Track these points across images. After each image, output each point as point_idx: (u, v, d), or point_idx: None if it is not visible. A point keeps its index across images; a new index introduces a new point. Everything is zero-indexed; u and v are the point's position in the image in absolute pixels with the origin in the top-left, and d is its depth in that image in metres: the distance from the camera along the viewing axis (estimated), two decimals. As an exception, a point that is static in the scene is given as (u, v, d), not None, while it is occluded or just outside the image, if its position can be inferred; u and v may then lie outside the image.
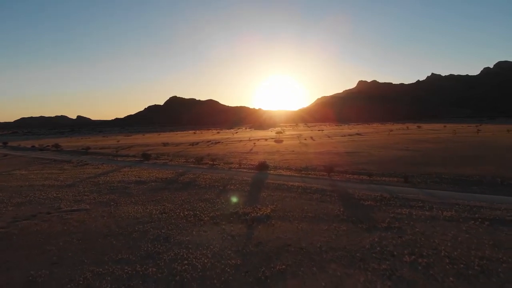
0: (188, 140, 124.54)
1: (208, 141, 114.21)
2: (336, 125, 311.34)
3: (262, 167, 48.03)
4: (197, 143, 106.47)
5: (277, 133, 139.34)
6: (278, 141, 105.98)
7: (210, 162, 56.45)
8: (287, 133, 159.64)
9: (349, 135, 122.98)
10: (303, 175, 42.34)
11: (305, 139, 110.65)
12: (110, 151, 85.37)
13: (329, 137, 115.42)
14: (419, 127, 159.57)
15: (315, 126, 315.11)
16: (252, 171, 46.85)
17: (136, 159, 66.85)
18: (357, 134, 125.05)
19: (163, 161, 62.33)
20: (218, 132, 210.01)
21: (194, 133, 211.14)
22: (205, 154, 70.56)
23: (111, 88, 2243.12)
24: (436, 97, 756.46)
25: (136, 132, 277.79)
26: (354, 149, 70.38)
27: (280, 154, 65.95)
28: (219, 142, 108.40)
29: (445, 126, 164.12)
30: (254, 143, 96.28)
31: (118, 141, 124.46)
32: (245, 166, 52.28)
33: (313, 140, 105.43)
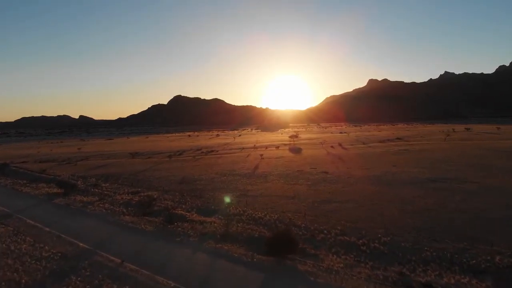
0: (173, 147, 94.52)
1: (198, 149, 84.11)
2: (355, 126, 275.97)
3: (282, 243, 18.50)
4: (182, 153, 76.62)
5: (290, 137, 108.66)
6: (295, 150, 75.39)
7: (168, 211, 27.04)
8: (302, 136, 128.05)
9: (388, 140, 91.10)
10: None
11: (332, 146, 79.82)
12: (44, 166, 56.50)
13: (364, 143, 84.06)
14: (467, 129, 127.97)
15: (330, 127, 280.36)
16: (254, 258, 17.60)
17: (52, 190, 37.91)
18: (398, 139, 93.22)
19: (89, 199, 33.26)
20: (217, 135, 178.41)
21: (189, 136, 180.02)
22: (177, 180, 41.07)
23: (115, 88, 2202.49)
24: (451, 96, 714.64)
25: (126, 134, 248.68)
26: (433, 171, 40.13)
27: (307, 183, 36.21)
28: (212, 151, 78.35)
29: (498, 128, 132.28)
30: (262, 155, 65.59)
31: (79, 149, 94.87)
32: (239, 225, 22.94)
33: (344, 148, 74.64)
